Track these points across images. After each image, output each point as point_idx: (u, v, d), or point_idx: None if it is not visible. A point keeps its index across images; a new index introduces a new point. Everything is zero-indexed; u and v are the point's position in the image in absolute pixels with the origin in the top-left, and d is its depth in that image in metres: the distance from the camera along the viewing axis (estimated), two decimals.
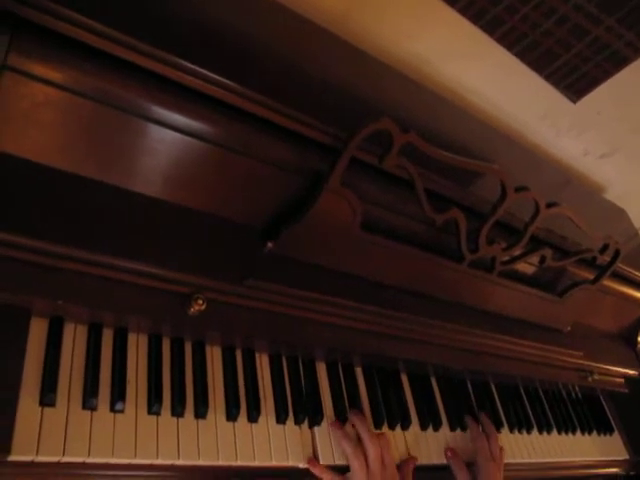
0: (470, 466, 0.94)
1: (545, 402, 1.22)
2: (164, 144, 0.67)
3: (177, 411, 0.70)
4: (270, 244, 0.76)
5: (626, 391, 1.32)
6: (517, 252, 0.95)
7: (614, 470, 1.27)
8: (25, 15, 0.56)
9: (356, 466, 0.79)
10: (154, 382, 0.70)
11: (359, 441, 0.82)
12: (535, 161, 1.33)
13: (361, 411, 0.88)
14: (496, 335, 0.99)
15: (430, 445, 0.93)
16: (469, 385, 1.09)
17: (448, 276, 0.91)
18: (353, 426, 0.85)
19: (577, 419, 1.26)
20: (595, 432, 1.28)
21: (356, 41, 1.01)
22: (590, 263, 1.10)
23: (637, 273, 1.22)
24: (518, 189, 0.86)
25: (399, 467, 0.85)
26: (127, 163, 0.67)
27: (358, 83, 0.95)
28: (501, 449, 0.99)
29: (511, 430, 1.09)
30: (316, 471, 0.78)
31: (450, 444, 0.96)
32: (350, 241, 0.80)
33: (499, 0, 1.02)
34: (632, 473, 1.30)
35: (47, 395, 0.62)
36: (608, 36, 1.11)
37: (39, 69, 0.58)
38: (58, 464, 0.61)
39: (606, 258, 1.06)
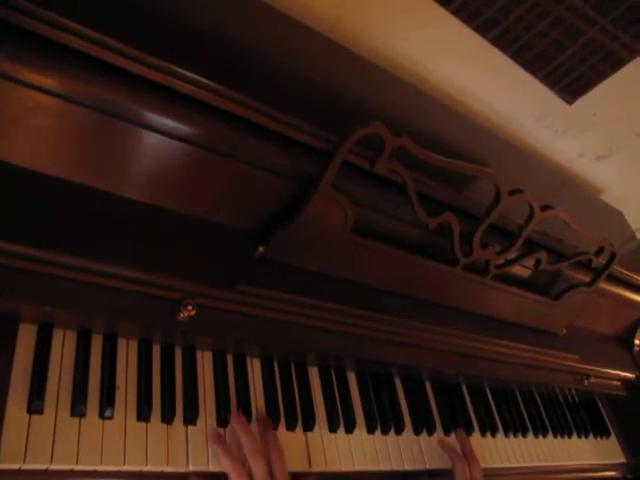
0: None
1: (541, 405, 1.21)
2: (154, 149, 0.66)
3: (167, 417, 0.69)
4: (261, 248, 0.75)
5: (623, 394, 1.31)
6: (512, 255, 0.95)
7: (611, 474, 1.26)
8: (14, 21, 0.56)
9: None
10: (144, 388, 0.70)
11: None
12: (531, 163, 1.32)
13: (355, 415, 0.87)
14: (491, 339, 0.99)
15: (424, 450, 0.92)
16: (464, 389, 1.08)
17: (442, 280, 0.91)
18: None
19: (573, 422, 1.25)
20: (592, 435, 1.27)
21: (349, 44, 1.01)
22: (586, 266, 1.09)
23: (634, 276, 1.22)
24: (512, 192, 0.85)
25: None
26: (116, 168, 0.67)
27: (351, 86, 0.95)
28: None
29: (506, 434, 1.08)
30: (217, 448, 0.70)
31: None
32: (342, 245, 0.79)
33: (493, 1, 1.02)
34: (629, 476, 1.29)
35: (35, 402, 0.61)
36: (603, 37, 1.11)
37: (28, 75, 0.58)
38: (46, 472, 0.61)
39: (602, 261, 1.06)
